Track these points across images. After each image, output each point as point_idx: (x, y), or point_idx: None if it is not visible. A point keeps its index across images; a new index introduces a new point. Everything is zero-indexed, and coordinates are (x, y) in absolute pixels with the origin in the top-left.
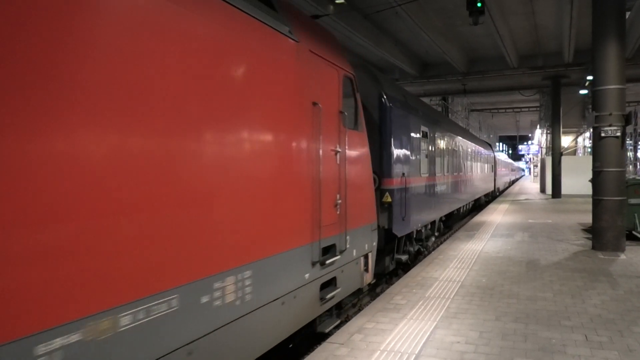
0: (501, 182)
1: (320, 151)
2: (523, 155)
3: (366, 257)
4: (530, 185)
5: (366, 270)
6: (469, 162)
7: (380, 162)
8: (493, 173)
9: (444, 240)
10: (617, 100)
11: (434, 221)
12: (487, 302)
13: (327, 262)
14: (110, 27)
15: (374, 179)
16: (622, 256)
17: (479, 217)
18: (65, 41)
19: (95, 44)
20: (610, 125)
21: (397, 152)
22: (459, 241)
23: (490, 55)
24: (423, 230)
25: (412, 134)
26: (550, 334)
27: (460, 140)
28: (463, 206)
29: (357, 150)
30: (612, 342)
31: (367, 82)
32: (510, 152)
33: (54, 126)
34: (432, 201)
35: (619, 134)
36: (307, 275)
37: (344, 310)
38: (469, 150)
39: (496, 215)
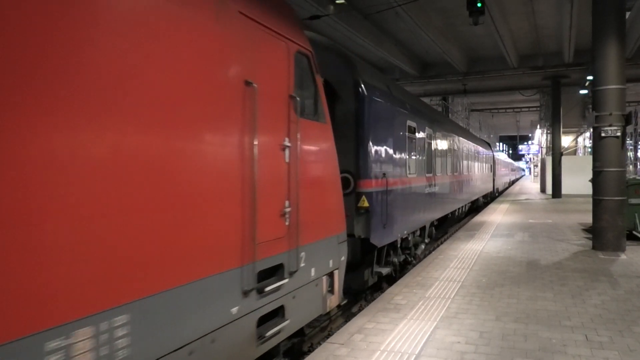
0: (500, 183)
1: (257, 144)
2: (523, 155)
3: (331, 275)
4: (530, 185)
5: (331, 291)
6: (465, 162)
7: (356, 160)
8: (492, 173)
9: (444, 241)
10: (617, 100)
11: (424, 227)
12: (487, 302)
13: (268, 288)
14: None
15: (348, 181)
16: (623, 256)
17: (479, 217)
18: None
19: None
20: (610, 125)
21: (376, 149)
22: (459, 241)
23: (490, 55)
24: (410, 238)
25: (397, 130)
26: (550, 334)
27: (455, 138)
28: (458, 209)
29: (316, 145)
30: (613, 342)
31: (340, 68)
32: (510, 152)
33: None
34: (421, 205)
35: (619, 134)
36: (234, 310)
37: (308, 337)
38: (465, 149)
39: (496, 215)
